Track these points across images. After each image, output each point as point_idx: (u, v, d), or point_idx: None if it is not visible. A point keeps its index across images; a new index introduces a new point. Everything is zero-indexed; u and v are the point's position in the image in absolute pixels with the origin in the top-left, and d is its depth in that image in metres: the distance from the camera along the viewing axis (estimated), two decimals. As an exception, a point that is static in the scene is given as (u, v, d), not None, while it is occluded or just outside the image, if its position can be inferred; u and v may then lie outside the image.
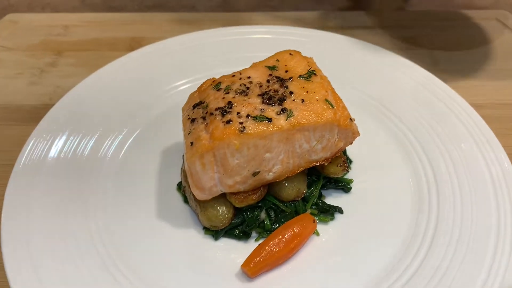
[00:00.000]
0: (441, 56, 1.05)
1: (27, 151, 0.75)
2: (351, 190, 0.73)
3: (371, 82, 0.91)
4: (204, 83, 0.71)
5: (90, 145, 0.78)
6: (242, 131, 0.60)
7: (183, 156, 0.75)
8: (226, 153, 0.61)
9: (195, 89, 0.73)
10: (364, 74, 0.92)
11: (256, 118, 0.61)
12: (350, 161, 0.78)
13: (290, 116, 0.62)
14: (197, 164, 0.62)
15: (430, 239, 0.66)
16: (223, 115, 0.62)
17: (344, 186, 0.73)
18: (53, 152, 0.75)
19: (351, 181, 0.74)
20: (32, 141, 0.76)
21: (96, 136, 0.79)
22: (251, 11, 1.25)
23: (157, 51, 0.97)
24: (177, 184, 0.74)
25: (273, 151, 0.63)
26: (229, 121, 0.61)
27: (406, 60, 0.94)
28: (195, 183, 0.63)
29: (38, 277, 0.60)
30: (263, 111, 0.62)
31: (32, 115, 0.91)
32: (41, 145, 0.76)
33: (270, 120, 0.61)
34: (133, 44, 1.08)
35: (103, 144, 0.79)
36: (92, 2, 1.28)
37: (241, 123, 0.61)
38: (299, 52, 0.73)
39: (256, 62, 0.72)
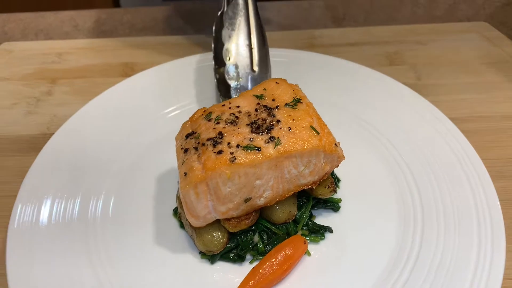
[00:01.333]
0: (424, 71, 1.09)
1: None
2: (340, 209, 0.77)
3: (356, 101, 0.94)
4: (195, 112, 0.74)
5: (87, 179, 0.80)
6: (232, 161, 0.63)
7: (178, 182, 0.78)
8: (218, 182, 0.64)
9: (186, 114, 0.76)
10: (349, 94, 0.96)
11: (246, 148, 0.65)
12: (338, 180, 0.81)
13: (278, 144, 0.65)
14: (191, 193, 0.65)
15: (415, 258, 0.68)
16: (214, 146, 0.66)
17: (333, 205, 0.76)
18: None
19: (339, 200, 0.77)
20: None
21: (91, 168, 0.82)
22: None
23: (148, 78, 1.00)
24: (173, 210, 0.77)
25: (263, 178, 0.66)
26: (220, 152, 0.65)
27: (389, 77, 0.98)
28: (190, 212, 0.67)
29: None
30: (252, 140, 0.66)
31: (31, 145, 0.94)
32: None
33: (259, 149, 0.65)
34: (126, 69, 1.11)
35: (99, 174, 0.82)
36: (84, 27, 1.31)
37: (231, 153, 0.64)
38: (285, 80, 0.76)
39: (244, 92, 0.76)
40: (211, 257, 0.70)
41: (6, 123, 0.99)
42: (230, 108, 0.72)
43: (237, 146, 0.65)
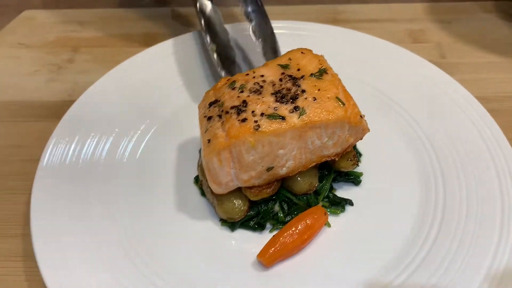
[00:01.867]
0: (448, 49, 1.08)
1: (48, 153, 0.78)
2: (361, 183, 0.77)
3: (380, 76, 0.94)
4: (219, 81, 0.74)
5: (109, 144, 0.81)
6: (257, 129, 0.63)
7: (199, 150, 0.78)
8: (241, 150, 0.64)
9: (207, 86, 0.75)
10: (373, 69, 0.95)
11: (270, 117, 0.65)
12: (360, 155, 0.81)
13: (303, 114, 0.65)
14: (215, 160, 0.65)
15: (437, 230, 0.69)
16: (238, 114, 0.65)
17: (354, 179, 0.76)
18: (74, 153, 0.79)
19: (361, 174, 0.77)
20: (53, 142, 0.79)
21: (114, 134, 0.83)
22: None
23: (170, 48, 1.00)
24: (194, 178, 0.78)
25: (286, 148, 0.66)
26: (244, 120, 0.65)
27: (414, 54, 0.97)
28: (213, 178, 0.67)
29: (67, 268, 0.64)
30: (276, 109, 0.65)
31: (52, 111, 0.95)
32: (61, 146, 0.79)
33: (283, 118, 0.65)
34: (148, 39, 1.11)
35: (121, 142, 0.82)
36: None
37: (255, 122, 0.64)
38: (310, 51, 0.75)
39: (269, 61, 0.75)
40: (231, 225, 0.71)
41: (28, 89, 1.00)
42: (254, 77, 0.71)
43: (261, 114, 0.65)
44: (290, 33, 1.01)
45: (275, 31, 0.97)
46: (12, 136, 0.90)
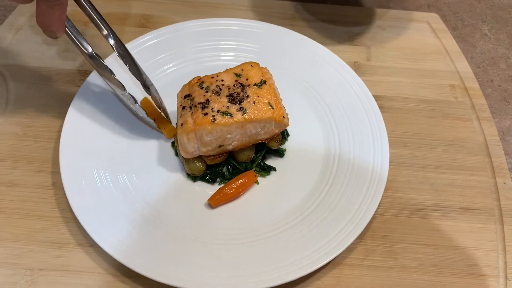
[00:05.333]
0: (374, 53, 1.38)
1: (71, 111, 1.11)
2: (284, 156, 1.13)
3: (306, 69, 1.25)
4: (192, 79, 1.06)
5: (116, 108, 1.14)
6: (213, 121, 0.97)
7: (176, 123, 1.12)
8: (202, 133, 0.98)
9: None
10: (302, 63, 1.26)
11: (223, 113, 0.98)
12: (288, 135, 1.16)
13: (245, 113, 0.99)
14: (185, 138, 0.99)
15: (329, 185, 1.06)
16: (202, 109, 0.99)
17: (279, 153, 1.11)
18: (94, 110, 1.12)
19: (284, 150, 1.12)
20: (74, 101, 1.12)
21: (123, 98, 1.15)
22: None
23: (158, 36, 1.29)
24: (171, 143, 1.12)
25: (232, 133, 1.00)
26: (206, 114, 0.98)
27: (332, 53, 1.27)
28: (183, 149, 1.02)
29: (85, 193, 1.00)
30: (228, 108, 0.99)
31: (69, 78, 1.25)
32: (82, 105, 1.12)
33: (231, 115, 0.98)
34: (143, 21, 1.39)
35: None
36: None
37: (213, 116, 0.98)
38: (257, 64, 1.07)
39: (229, 68, 1.07)
40: (193, 178, 1.07)
41: (49, 56, 1.29)
42: (217, 80, 1.04)
43: (217, 111, 0.98)
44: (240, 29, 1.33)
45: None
46: (42, 96, 1.20)
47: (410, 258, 1.01)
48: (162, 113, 1.13)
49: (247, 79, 1.04)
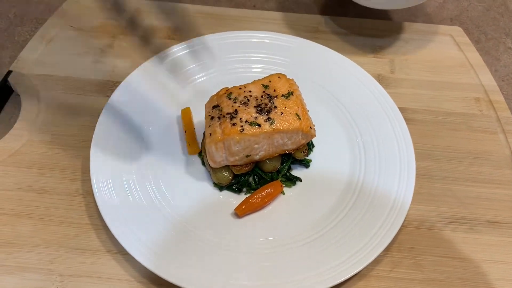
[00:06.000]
0: (398, 65, 1.39)
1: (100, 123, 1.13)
2: (310, 166, 1.14)
3: (331, 82, 1.26)
4: (220, 90, 1.08)
5: (143, 117, 1.17)
6: (241, 131, 0.99)
7: (203, 133, 1.14)
8: (231, 143, 1.00)
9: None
10: (328, 75, 1.28)
11: (251, 124, 1.00)
12: (313, 146, 1.17)
13: (272, 124, 1.00)
14: (213, 148, 1.01)
15: (356, 197, 1.06)
16: (231, 119, 1.01)
17: (305, 164, 1.12)
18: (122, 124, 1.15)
19: (310, 161, 1.13)
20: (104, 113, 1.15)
21: (147, 112, 1.19)
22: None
23: (189, 47, 1.31)
24: (198, 153, 1.14)
25: (260, 143, 1.02)
26: (234, 124, 1.00)
27: (358, 67, 1.28)
28: (211, 158, 1.03)
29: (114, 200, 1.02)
30: (256, 119, 1.01)
31: (98, 88, 1.28)
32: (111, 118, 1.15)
33: (259, 125, 1.00)
34: (170, 33, 1.43)
35: (151, 117, 1.18)
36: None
37: (241, 126, 0.99)
38: (284, 75, 1.09)
39: (256, 80, 1.09)
40: (220, 187, 1.08)
41: (80, 67, 1.32)
42: (244, 91, 1.05)
43: (246, 121, 1.00)
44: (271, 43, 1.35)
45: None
46: (72, 106, 1.23)
47: (436, 271, 1.00)
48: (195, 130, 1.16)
49: (274, 90, 1.06)
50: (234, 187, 1.08)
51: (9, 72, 1.29)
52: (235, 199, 1.07)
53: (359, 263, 0.94)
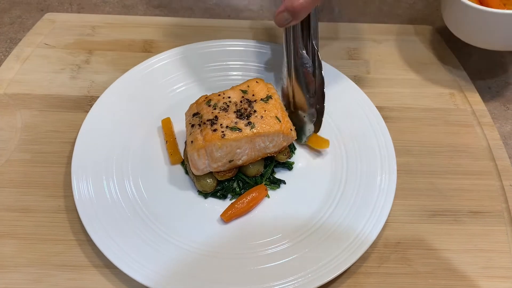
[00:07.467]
0: (373, 66, 1.41)
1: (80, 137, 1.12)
2: (293, 169, 1.14)
3: None
4: (200, 98, 1.09)
5: (124, 132, 1.16)
6: (223, 137, 0.99)
7: (185, 142, 1.14)
8: (212, 149, 1.00)
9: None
10: None
11: (232, 128, 1.00)
12: (295, 148, 1.17)
13: (253, 128, 1.01)
14: (195, 155, 1.01)
15: (339, 196, 1.07)
16: (211, 125, 1.01)
17: (288, 166, 1.13)
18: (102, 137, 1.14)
19: (292, 163, 1.14)
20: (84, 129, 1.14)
21: (127, 122, 1.18)
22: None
23: (167, 58, 1.32)
24: (181, 162, 1.14)
25: (242, 148, 1.02)
26: (215, 130, 1.00)
27: (334, 68, 1.30)
28: (193, 165, 1.03)
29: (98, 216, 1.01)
30: (236, 123, 1.01)
31: (77, 104, 1.27)
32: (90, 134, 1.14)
33: (240, 130, 1.00)
34: (146, 46, 1.43)
35: (132, 127, 1.17)
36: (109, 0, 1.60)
37: (222, 131, 1.00)
38: (262, 80, 1.10)
39: (234, 86, 1.10)
40: (204, 194, 1.08)
41: (56, 84, 1.31)
42: (224, 98, 1.06)
43: (226, 126, 1.00)
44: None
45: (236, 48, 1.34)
46: (50, 123, 1.22)
47: (424, 264, 1.01)
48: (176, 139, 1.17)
49: (253, 95, 1.06)
50: (218, 193, 1.08)
51: (-15, 93, 1.27)
52: (220, 206, 1.07)
53: (346, 261, 0.95)
